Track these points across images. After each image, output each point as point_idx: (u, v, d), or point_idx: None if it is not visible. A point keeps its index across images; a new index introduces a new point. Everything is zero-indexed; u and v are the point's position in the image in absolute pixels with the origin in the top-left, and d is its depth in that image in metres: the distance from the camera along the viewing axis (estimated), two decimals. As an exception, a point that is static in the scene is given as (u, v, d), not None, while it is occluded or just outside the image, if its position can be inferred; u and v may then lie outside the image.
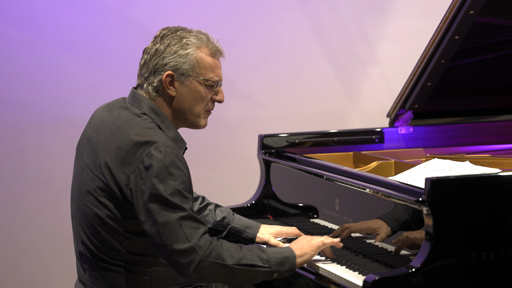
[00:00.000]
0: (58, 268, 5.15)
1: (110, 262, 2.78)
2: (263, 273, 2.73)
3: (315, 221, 3.53)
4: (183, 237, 2.63)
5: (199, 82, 2.83)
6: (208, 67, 2.84)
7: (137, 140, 2.71)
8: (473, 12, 3.62)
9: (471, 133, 4.21)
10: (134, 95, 2.86)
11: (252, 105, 5.42)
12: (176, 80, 2.81)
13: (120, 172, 2.71)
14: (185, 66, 2.81)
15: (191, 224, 2.66)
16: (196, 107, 2.85)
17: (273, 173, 3.83)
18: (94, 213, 2.76)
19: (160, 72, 2.81)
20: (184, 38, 2.83)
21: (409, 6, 5.54)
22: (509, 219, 2.74)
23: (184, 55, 2.81)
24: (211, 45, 2.86)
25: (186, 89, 2.83)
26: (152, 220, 2.65)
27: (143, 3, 5.19)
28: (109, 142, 2.75)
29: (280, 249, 2.82)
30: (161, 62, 2.81)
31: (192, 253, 2.63)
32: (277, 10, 5.41)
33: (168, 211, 2.64)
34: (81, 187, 2.81)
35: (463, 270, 2.69)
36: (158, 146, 2.69)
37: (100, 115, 2.88)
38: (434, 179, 2.70)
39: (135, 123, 2.77)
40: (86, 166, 2.81)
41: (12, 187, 5.10)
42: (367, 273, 2.74)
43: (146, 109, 2.82)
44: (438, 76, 3.94)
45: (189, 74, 2.82)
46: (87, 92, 5.16)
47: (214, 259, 2.66)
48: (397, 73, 5.43)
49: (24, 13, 5.02)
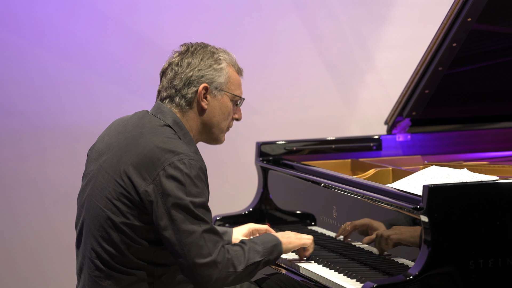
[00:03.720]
0: (56, 274, 5.14)
1: (115, 267, 2.78)
2: (262, 265, 2.84)
3: (313, 229, 3.53)
4: (205, 250, 2.69)
5: (228, 98, 2.89)
6: (237, 84, 2.92)
7: (161, 147, 2.74)
8: (470, 19, 3.63)
9: (468, 140, 4.21)
10: (159, 107, 2.88)
11: (250, 112, 5.42)
12: (209, 93, 2.86)
13: (141, 177, 2.72)
14: (220, 80, 2.86)
15: (212, 237, 2.72)
16: (223, 122, 2.91)
17: (271, 180, 3.83)
18: (107, 216, 2.76)
19: (195, 84, 2.84)
20: (215, 54, 2.89)
21: (406, 14, 5.55)
22: (507, 227, 2.74)
23: (219, 69, 2.87)
24: (235, 64, 2.94)
25: (218, 103, 2.88)
26: (175, 229, 2.69)
27: (141, 11, 5.19)
28: (131, 148, 2.77)
29: (266, 237, 2.91)
30: (197, 74, 2.85)
31: (212, 267, 2.71)
32: (275, 18, 5.42)
33: (192, 223, 2.69)
34: (94, 189, 2.81)
35: (461, 278, 2.69)
36: (182, 158, 2.72)
37: (122, 122, 2.90)
38: (432, 186, 2.70)
39: (158, 132, 2.79)
40: (103, 169, 2.81)
41: (10, 194, 5.09)
42: (365, 281, 2.74)
43: (170, 121, 2.84)
44: (435, 84, 3.94)
45: (222, 89, 2.87)
46: (85, 100, 5.16)
47: (228, 270, 2.74)
48: (394, 80, 5.44)
49: (22, 20, 5.02)
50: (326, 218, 3.44)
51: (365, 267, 2.98)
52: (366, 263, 3.00)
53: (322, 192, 3.42)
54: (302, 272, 3.03)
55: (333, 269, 2.96)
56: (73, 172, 4.95)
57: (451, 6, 3.61)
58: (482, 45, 3.94)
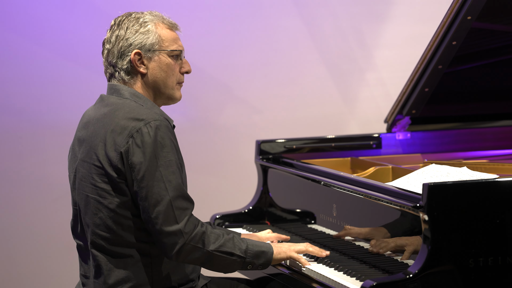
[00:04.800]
0: (57, 272, 5.15)
1: (112, 251, 2.80)
2: (239, 263, 2.83)
3: (312, 227, 3.52)
4: (171, 218, 2.71)
5: (165, 55, 2.90)
6: (170, 39, 2.92)
7: (126, 117, 2.77)
8: (470, 17, 3.62)
9: (468, 138, 4.21)
10: (111, 87, 2.92)
11: (249, 110, 5.42)
12: (144, 57, 2.88)
13: (112, 151, 2.75)
14: (149, 41, 2.88)
15: (181, 203, 2.73)
16: (168, 80, 2.91)
17: (271, 178, 3.83)
18: (96, 201, 2.79)
19: (127, 54, 2.87)
20: (140, 18, 2.92)
21: (406, 12, 5.55)
22: (506, 225, 2.74)
23: (145, 31, 2.89)
24: (166, 20, 2.95)
25: (156, 64, 2.89)
26: (144, 196, 2.72)
27: (141, 9, 5.17)
28: (99, 130, 2.81)
29: (259, 242, 2.92)
30: (126, 44, 2.87)
31: (178, 235, 2.72)
32: (275, 16, 5.41)
33: (161, 188, 2.71)
34: (80, 182, 2.85)
35: (460, 276, 2.69)
36: (148, 122, 2.75)
37: (85, 115, 2.95)
38: (431, 184, 2.69)
39: (120, 107, 2.83)
40: (81, 161, 2.85)
41: (10, 193, 5.09)
42: (365, 279, 2.74)
43: (127, 95, 2.88)
44: (435, 82, 3.94)
45: (155, 49, 2.89)
46: (85, 98, 5.14)
47: (196, 243, 2.75)
48: (394, 78, 5.43)
49: (22, 18, 5.02)
50: (326, 216, 3.43)
51: (365, 265, 2.98)
52: (366, 261, 3.00)
53: (322, 190, 3.42)
54: (302, 271, 3.02)
55: (333, 268, 2.96)
56: (72, 170, 4.95)
57: (451, 4, 3.61)
58: (482, 43, 3.94)
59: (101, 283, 2.83)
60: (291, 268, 3.08)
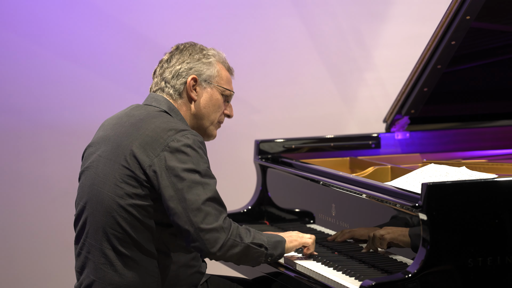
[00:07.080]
0: (56, 273, 5.14)
1: (123, 253, 2.80)
2: (265, 255, 2.86)
3: (311, 227, 3.53)
4: (211, 216, 2.74)
5: (218, 91, 2.97)
6: (226, 79, 3.00)
7: (163, 127, 2.81)
8: (469, 17, 3.63)
9: (467, 138, 4.22)
10: (152, 97, 2.95)
11: (248, 110, 5.42)
12: (198, 85, 2.94)
13: (145, 155, 2.77)
14: (208, 73, 2.95)
15: (217, 207, 2.78)
16: (213, 114, 2.99)
17: (270, 178, 3.83)
18: (113, 201, 2.79)
19: (184, 76, 2.93)
20: (204, 50, 2.98)
21: (405, 12, 5.55)
22: (505, 224, 2.74)
23: (207, 63, 2.96)
24: (226, 63, 3.03)
25: (207, 95, 2.96)
26: (180, 198, 2.74)
27: (140, 9, 5.18)
28: (132, 132, 2.83)
29: (272, 233, 2.95)
30: (186, 67, 2.93)
31: (219, 231, 2.75)
32: (274, 16, 5.42)
33: (198, 190, 2.75)
34: (96, 178, 2.84)
35: (459, 276, 2.69)
36: (185, 134, 2.79)
37: (115, 117, 2.95)
38: (430, 184, 2.70)
39: (157, 116, 2.87)
40: (103, 158, 2.84)
41: (9, 192, 5.09)
42: (364, 279, 2.74)
43: (166, 107, 2.91)
44: (434, 82, 3.94)
45: (211, 81, 2.96)
46: (84, 97, 5.16)
47: (235, 238, 2.78)
48: (393, 78, 5.44)
49: (21, 18, 5.02)
50: (325, 216, 3.44)
51: (363, 265, 2.98)
52: (364, 261, 3.01)
53: (321, 190, 3.42)
54: (300, 270, 3.03)
55: (331, 267, 2.96)
56: (71, 169, 4.94)
57: (450, 4, 3.61)
58: (481, 43, 3.94)
59: (101, 283, 2.82)
60: (289, 267, 3.08)
